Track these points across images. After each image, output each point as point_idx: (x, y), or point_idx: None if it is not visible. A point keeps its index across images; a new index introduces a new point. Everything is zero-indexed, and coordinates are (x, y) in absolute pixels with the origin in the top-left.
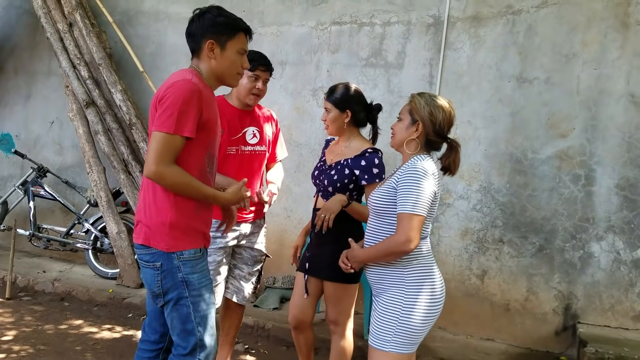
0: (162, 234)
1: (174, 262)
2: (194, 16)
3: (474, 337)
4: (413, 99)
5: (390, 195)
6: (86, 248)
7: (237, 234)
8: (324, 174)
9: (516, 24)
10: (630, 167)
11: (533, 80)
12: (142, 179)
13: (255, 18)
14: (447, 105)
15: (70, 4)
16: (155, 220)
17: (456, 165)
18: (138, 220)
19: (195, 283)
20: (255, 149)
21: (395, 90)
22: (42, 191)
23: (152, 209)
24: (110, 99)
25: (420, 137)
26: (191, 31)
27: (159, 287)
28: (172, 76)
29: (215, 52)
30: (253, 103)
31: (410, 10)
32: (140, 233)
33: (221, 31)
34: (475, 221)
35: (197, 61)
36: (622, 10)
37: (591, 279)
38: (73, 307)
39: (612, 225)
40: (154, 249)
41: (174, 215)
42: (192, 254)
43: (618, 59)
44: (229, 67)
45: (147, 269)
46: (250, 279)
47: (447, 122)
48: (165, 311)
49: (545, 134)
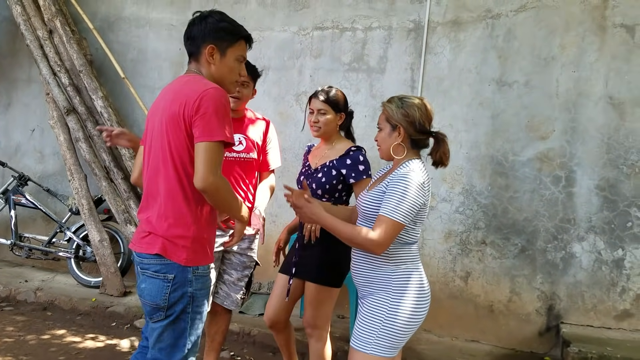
0: (184, 247)
1: (188, 276)
2: (195, 19)
3: (459, 338)
4: (384, 107)
5: (379, 200)
6: (68, 257)
7: (226, 239)
8: (311, 178)
9: (495, 28)
10: (609, 168)
11: (513, 84)
12: (156, 187)
13: None
14: (418, 101)
15: (50, 11)
16: (175, 232)
17: (446, 156)
18: (150, 231)
19: (200, 299)
20: (240, 156)
21: (377, 95)
22: (23, 200)
23: (171, 220)
24: (92, 106)
25: (404, 140)
26: (192, 34)
27: (165, 300)
28: (191, 84)
29: (215, 57)
30: (234, 107)
31: (391, 15)
32: (154, 243)
33: (223, 37)
34: (458, 223)
35: (196, 65)
36: (599, 14)
37: (573, 279)
38: (56, 316)
39: (593, 225)
40: (169, 261)
41: (196, 229)
42: (205, 270)
43: (596, 62)
44: (227, 74)
45: (155, 280)
46: (239, 284)
47: (425, 117)
48: (159, 324)
49: (525, 136)
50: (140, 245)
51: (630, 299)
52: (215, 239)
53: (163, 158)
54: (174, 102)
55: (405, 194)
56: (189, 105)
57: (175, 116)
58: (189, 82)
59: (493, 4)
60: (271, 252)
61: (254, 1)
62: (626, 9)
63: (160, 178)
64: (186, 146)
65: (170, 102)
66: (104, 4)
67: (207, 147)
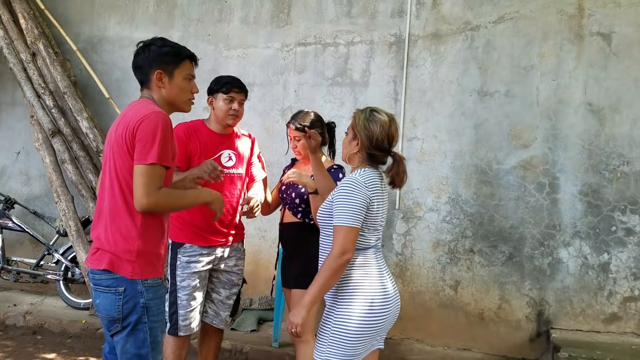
0: (129, 261)
1: (137, 288)
2: (139, 49)
3: (451, 347)
4: (354, 114)
5: (328, 209)
6: (57, 279)
7: (212, 257)
8: (291, 188)
9: (475, 39)
10: (592, 174)
11: (494, 93)
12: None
13: (220, 41)
14: (385, 119)
15: (33, 33)
16: (121, 247)
17: (400, 178)
18: (99, 247)
19: (154, 309)
20: (230, 172)
21: (361, 108)
22: (10, 223)
23: (117, 236)
24: (77, 127)
25: (360, 151)
26: (138, 64)
27: (119, 312)
28: (137, 108)
29: (164, 81)
30: (233, 123)
31: (372, 30)
32: (102, 259)
33: (168, 60)
34: (445, 232)
35: (147, 91)
36: (575, 23)
37: (561, 284)
38: (46, 340)
39: (578, 230)
40: (117, 275)
41: (141, 244)
42: (155, 281)
43: (575, 70)
44: (179, 94)
45: (107, 294)
46: (228, 303)
47: (385, 136)
48: (119, 336)
49: (508, 144)
50: (91, 261)
51: (617, 302)
52: (164, 254)
53: (110, 178)
54: (119, 126)
55: (349, 198)
56: (129, 129)
57: (119, 139)
58: (136, 107)
59: (472, 16)
60: (261, 267)
61: (236, 19)
62: (602, 17)
63: (107, 197)
64: (129, 167)
65: (116, 127)
66: (87, 25)
67: (140, 170)
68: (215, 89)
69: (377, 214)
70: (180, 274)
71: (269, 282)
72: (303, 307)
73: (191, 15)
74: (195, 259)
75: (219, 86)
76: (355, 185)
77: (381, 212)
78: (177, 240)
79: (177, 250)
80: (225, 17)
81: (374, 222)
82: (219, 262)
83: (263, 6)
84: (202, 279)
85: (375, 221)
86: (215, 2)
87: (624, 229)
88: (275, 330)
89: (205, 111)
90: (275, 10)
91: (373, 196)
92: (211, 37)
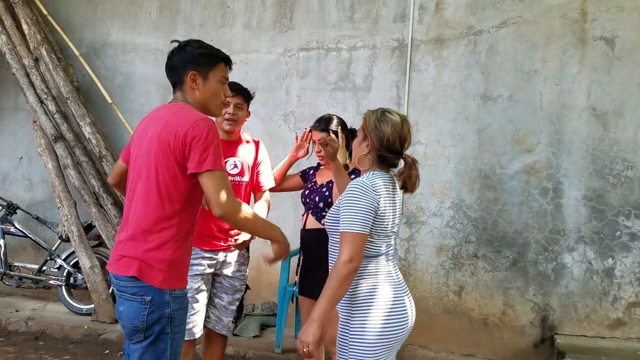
0: (161, 270)
1: (165, 298)
2: (174, 50)
3: (454, 353)
4: (365, 115)
5: (335, 214)
6: (59, 284)
7: (215, 261)
8: (315, 192)
9: (478, 44)
10: (596, 179)
11: (497, 98)
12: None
13: (223, 46)
14: (397, 119)
15: (36, 39)
16: (153, 255)
17: (412, 182)
18: (127, 254)
19: (177, 320)
20: (235, 180)
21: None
22: (12, 228)
23: (150, 244)
24: (79, 132)
25: (371, 152)
26: (173, 64)
27: (143, 322)
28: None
29: (198, 82)
30: (229, 128)
31: (375, 34)
32: (130, 266)
33: (203, 62)
34: (449, 238)
35: (181, 93)
36: (579, 27)
37: (565, 289)
38: (48, 346)
39: (582, 235)
40: (145, 283)
41: (173, 253)
42: (182, 292)
43: (578, 74)
44: (212, 97)
45: (132, 302)
46: (230, 308)
47: (396, 137)
48: (139, 345)
49: (511, 149)
50: (117, 267)
51: (622, 308)
52: (189, 263)
53: (148, 184)
54: (163, 131)
55: (356, 203)
56: (178, 136)
57: (164, 145)
58: (178, 112)
59: (474, 21)
60: (263, 272)
61: (239, 24)
62: (605, 21)
63: (141, 203)
64: (174, 174)
65: (159, 131)
66: (90, 31)
67: (213, 175)
68: None
69: (386, 219)
70: None
71: (271, 287)
72: (313, 323)
73: (194, 21)
74: (197, 262)
75: None
76: (362, 188)
77: (392, 217)
78: None
79: None
80: (228, 22)
81: (384, 227)
82: (222, 266)
83: (265, 11)
84: (205, 282)
85: (385, 227)
86: (218, 7)
87: (629, 233)
88: (278, 336)
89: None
90: (278, 15)
91: (381, 200)
92: (213, 42)
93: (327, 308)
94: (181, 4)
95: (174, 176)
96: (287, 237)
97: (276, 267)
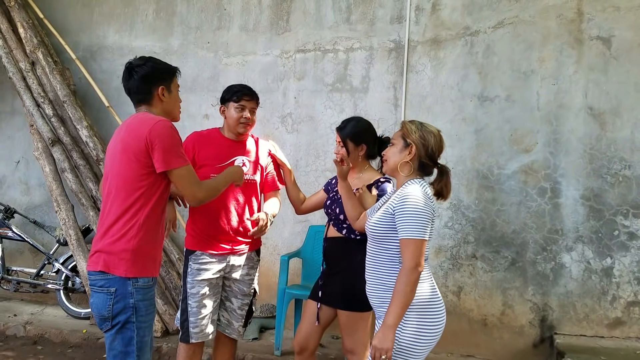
0: (124, 260)
1: (128, 288)
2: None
3: (454, 354)
4: (404, 125)
5: (388, 221)
6: (57, 288)
7: (224, 265)
8: (336, 204)
9: (474, 44)
10: (593, 178)
11: (494, 98)
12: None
13: (220, 49)
14: (436, 131)
15: (32, 42)
16: (117, 247)
17: (448, 189)
18: (96, 250)
19: (142, 310)
20: (245, 178)
21: (362, 114)
22: (9, 233)
23: (116, 236)
24: (76, 136)
25: (413, 159)
26: (138, 85)
27: (109, 311)
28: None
29: (165, 95)
30: (244, 131)
31: (372, 36)
32: (98, 261)
33: (166, 77)
34: (447, 238)
35: (146, 107)
36: (575, 27)
37: (564, 289)
38: (46, 350)
39: (580, 235)
40: (111, 275)
41: (137, 242)
42: (146, 282)
43: (575, 74)
44: (175, 104)
45: (100, 294)
46: (240, 313)
47: (437, 147)
48: (108, 333)
49: (509, 149)
50: (89, 264)
51: (621, 307)
52: (160, 257)
53: (117, 185)
54: (125, 135)
55: (415, 210)
56: (139, 137)
57: (125, 146)
58: (137, 117)
59: (471, 22)
60: (262, 275)
61: (236, 26)
62: (601, 21)
63: (112, 202)
64: (134, 169)
65: (122, 136)
66: (86, 34)
67: (182, 172)
68: (227, 98)
69: (434, 225)
70: (190, 281)
71: (269, 289)
72: (389, 330)
73: (190, 23)
74: (205, 267)
75: (230, 95)
76: (423, 197)
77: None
78: (190, 247)
79: (189, 257)
80: (225, 24)
81: (431, 234)
82: (231, 270)
83: (262, 13)
84: (213, 286)
85: (432, 232)
86: (215, 9)
87: (627, 233)
88: (277, 339)
89: (205, 119)
90: (275, 17)
91: (434, 208)
92: (210, 44)
93: (401, 314)
94: (177, 6)
95: (137, 177)
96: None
97: (275, 269)
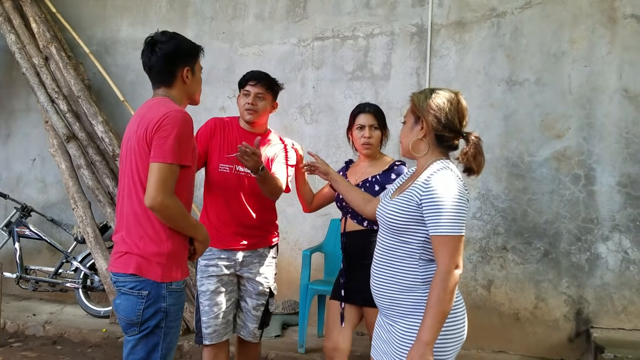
0: (159, 264)
1: (162, 292)
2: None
3: (485, 350)
4: (412, 97)
5: (410, 211)
6: (76, 287)
7: (233, 262)
8: None
9: (501, 26)
10: (630, 164)
11: (523, 82)
12: (128, 208)
13: (235, 39)
14: (450, 94)
15: (45, 37)
16: (150, 250)
17: (478, 162)
18: (125, 250)
19: (172, 315)
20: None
21: (383, 102)
22: (27, 231)
23: (146, 239)
24: (92, 132)
25: (427, 135)
26: (161, 65)
27: (139, 316)
28: (155, 107)
29: (189, 77)
30: (250, 118)
31: (393, 20)
32: (129, 263)
33: (191, 57)
34: (476, 230)
35: (166, 90)
36: (607, 5)
37: (600, 281)
38: (66, 350)
39: (617, 224)
40: (144, 278)
41: (170, 245)
42: (179, 285)
43: (608, 55)
44: (198, 87)
45: (130, 296)
46: (254, 314)
47: (455, 113)
48: (132, 337)
49: (540, 135)
50: (116, 265)
51: None
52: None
53: (132, 180)
54: (139, 126)
55: (453, 200)
56: (150, 128)
57: (140, 139)
58: (154, 106)
59: (497, 3)
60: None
61: (251, 15)
62: None
63: (132, 199)
64: None
65: (136, 126)
66: (100, 28)
67: (158, 167)
68: (238, 86)
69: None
70: (199, 278)
71: (291, 285)
72: (425, 348)
73: (205, 14)
74: (214, 263)
75: (240, 82)
76: (457, 185)
77: None
78: None
79: None
80: (240, 13)
81: None
82: (241, 267)
83: (278, 1)
84: (225, 284)
85: None
86: None
87: None
88: (300, 336)
89: (222, 111)
90: (291, 4)
91: (466, 195)
92: (226, 35)
93: (439, 327)
94: None
95: None
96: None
97: (296, 264)
